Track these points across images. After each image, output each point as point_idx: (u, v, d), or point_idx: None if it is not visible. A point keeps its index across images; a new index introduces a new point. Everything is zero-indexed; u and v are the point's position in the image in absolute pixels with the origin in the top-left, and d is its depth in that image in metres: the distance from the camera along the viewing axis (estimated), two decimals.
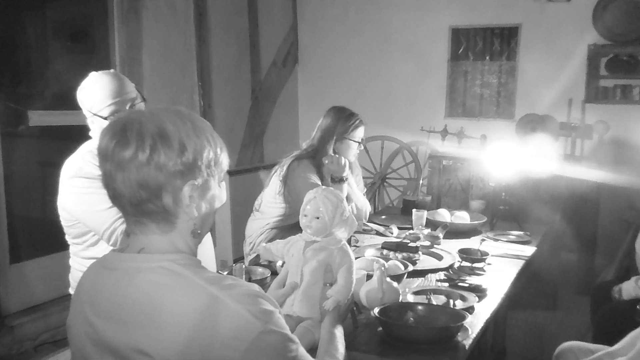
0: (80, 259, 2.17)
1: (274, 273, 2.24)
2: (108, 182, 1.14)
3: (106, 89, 2.08)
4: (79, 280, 1.27)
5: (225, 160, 1.22)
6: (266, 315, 1.10)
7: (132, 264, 1.15)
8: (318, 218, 1.70)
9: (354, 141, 3.03)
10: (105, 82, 2.09)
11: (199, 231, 1.20)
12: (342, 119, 3.05)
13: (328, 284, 1.67)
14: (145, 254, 1.16)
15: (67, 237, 2.19)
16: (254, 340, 1.07)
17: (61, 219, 2.14)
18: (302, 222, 1.74)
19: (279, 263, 2.27)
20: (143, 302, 1.11)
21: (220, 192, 1.24)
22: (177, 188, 1.13)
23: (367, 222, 3.30)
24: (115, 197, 1.15)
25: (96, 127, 2.11)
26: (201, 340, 1.06)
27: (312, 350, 1.52)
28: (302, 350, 1.17)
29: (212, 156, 1.17)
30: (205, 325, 1.06)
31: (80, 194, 2.03)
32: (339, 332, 1.56)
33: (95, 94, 2.07)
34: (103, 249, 2.08)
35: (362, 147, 3.09)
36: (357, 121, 3.06)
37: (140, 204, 1.13)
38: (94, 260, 2.03)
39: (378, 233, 3.11)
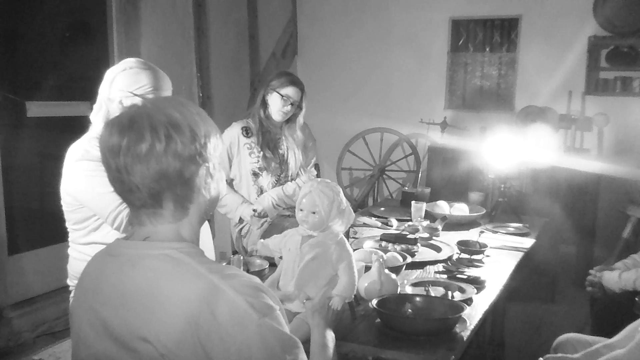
0: (79, 246, 2.18)
1: (273, 265, 2.24)
2: (122, 177, 1.14)
3: (157, 77, 2.12)
4: (83, 267, 1.28)
5: (220, 145, 1.25)
6: (265, 308, 1.10)
7: (136, 251, 1.17)
8: (314, 213, 1.69)
9: (280, 94, 3.04)
10: (157, 71, 2.15)
11: (210, 213, 1.25)
12: (279, 75, 3.14)
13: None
14: (150, 241, 1.18)
15: (67, 224, 2.19)
16: (250, 332, 1.07)
17: (63, 204, 2.15)
18: (299, 216, 1.73)
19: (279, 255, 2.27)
20: (144, 289, 1.12)
21: (222, 176, 1.28)
22: (193, 173, 1.16)
23: (368, 215, 3.29)
24: (132, 191, 1.15)
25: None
26: (199, 328, 1.07)
27: (308, 342, 1.52)
28: (302, 357, 1.15)
29: (215, 139, 1.21)
30: (203, 313, 1.07)
31: (88, 176, 2.04)
32: (330, 340, 1.53)
33: (145, 77, 2.09)
34: (104, 234, 2.10)
35: (288, 106, 3.07)
36: (288, 78, 3.10)
37: (159, 193, 1.15)
38: (94, 245, 2.06)
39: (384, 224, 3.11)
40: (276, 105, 3.07)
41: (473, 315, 1.90)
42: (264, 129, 3.12)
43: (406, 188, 3.72)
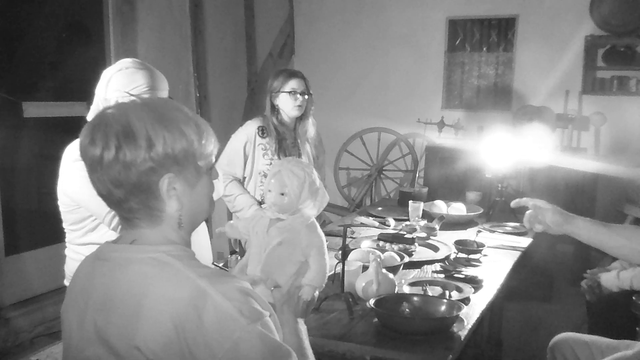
0: (76, 247, 2.18)
1: None
2: (91, 177, 1.16)
3: (153, 76, 2.11)
4: (74, 270, 1.27)
5: (209, 148, 1.19)
6: (254, 314, 1.07)
7: (124, 255, 1.15)
8: (283, 194, 1.55)
9: (286, 92, 3.00)
10: (154, 71, 2.14)
11: (182, 224, 1.18)
12: (276, 75, 3.07)
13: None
14: (138, 244, 1.16)
15: (64, 224, 2.19)
16: (237, 337, 1.04)
17: (60, 204, 2.14)
18: (267, 197, 1.59)
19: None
20: (132, 293, 1.10)
21: (209, 181, 1.22)
22: (153, 183, 1.12)
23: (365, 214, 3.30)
24: (101, 194, 1.16)
25: None
26: (186, 333, 1.05)
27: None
28: None
29: (186, 146, 1.13)
30: (190, 317, 1.05)
31: (84, 177, 2.02)
32: (304, 334, 1.44)
33: (141, 76, 2.09)
34: (101, 234, 2.10)
35: (299, 98, 3.01)
36: (286, 73, 3.04)
37: (120, 202, 1.13)
38: (91, 246, 2.05)
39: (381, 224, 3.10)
40: (287, 104, 3.02)
41: (470, 314, 1.91)
42: (280, 137, 3.08)
43: (404, 188, 3.72)
